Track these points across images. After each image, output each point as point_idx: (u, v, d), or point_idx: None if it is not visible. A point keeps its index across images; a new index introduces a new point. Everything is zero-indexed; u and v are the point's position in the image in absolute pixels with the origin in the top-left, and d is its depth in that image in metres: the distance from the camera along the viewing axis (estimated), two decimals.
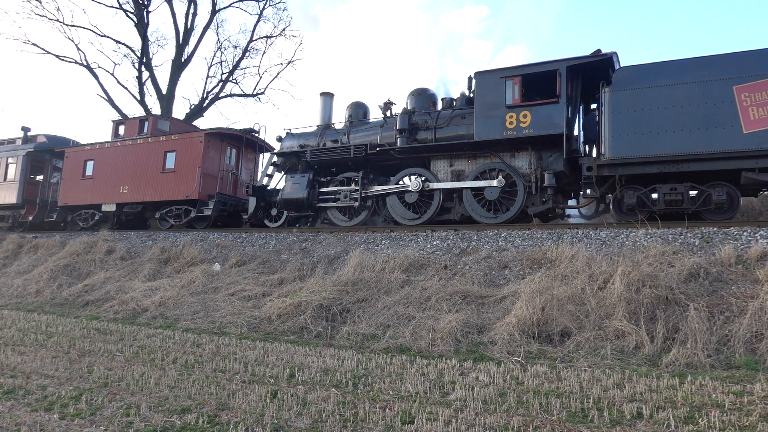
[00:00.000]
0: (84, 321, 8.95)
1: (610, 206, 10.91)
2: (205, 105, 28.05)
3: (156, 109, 26.49)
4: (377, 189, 12.83)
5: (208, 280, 10.20)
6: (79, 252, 13.23)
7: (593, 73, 11.07)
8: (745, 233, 8.16)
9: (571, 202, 12.38)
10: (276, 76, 32.50)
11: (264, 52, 38.96)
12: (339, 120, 14.73)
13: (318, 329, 7.44)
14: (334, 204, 13.30)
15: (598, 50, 10.86)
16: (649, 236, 8.53)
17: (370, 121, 14.19)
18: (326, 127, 14.49)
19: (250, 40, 28.62)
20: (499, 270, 8.59)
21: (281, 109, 47.05)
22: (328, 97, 15.09)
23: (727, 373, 5.15)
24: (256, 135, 16.85)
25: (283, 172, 14.63)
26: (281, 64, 32.78)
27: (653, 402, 4.30)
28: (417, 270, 8.99)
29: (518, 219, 11.33)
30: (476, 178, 11.73)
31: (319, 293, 8.34)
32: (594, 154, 11.35)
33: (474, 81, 11.93)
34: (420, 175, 12.34)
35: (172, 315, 8.82)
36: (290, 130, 14.87)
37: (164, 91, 26.81)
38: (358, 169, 13.19)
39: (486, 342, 6.48)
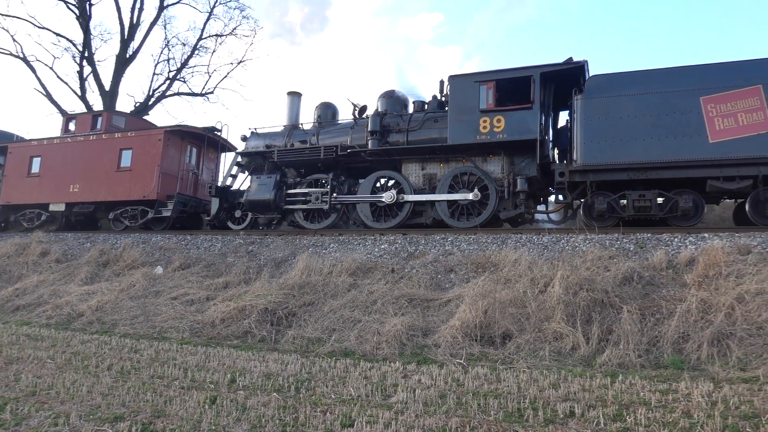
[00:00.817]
0: (13, 327, 8.52)
1: (581, 212, 11.13)
2: (150, 103, 27.21)
3: (98, 106, 25.52)
4: (349, 198, 12.63)
5: (149, 284, 9.90)
6: (10, 254, 12.60)
7: (564, 80, 11.36)
8: (676, 239, 8.57)
9: (540, 208, 12.58)
10: (226, 76, 31.91)
11: (214, 51, 38.12)
12: (306, 120, 14.51)
13: (262, 333, 7.35)
14: (303, 206, 12.96)
15: (570, 58, 11.13)
16: (587, 241, 8.84)
17: (340, 122, 14.01)
18: (294, 127, 14.23)
19: (200, 38, 27.99)
20: (445, 274, 8.71)
21: (230, 110, 46.09)
22: (295, 96, 14.77)
23: (655, 372, 5.40)
24: (219, 134, 16.24)
25: (247, 173, 14.30)
26: (231, 63, 32.23)
27: (585, 401, 4.46)
28: (364, 274, 9.01)
29: (490, 223, 11.43)
30: (449, 183, 11.73)
31: (265, 297, 8.24)
32: (562, 161, 11.62)
33: (448, 85, 11.99)
34: (396, 182, 12.21)
35: (110, 320, 8.52)
36: (255, 129, 14.56)
37: (107, 88, 25.85)
38: (328, 170, 13.01)
39: (430, 345, 6.56)
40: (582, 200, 10.94)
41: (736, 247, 7.81)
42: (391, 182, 12.40)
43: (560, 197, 11.42)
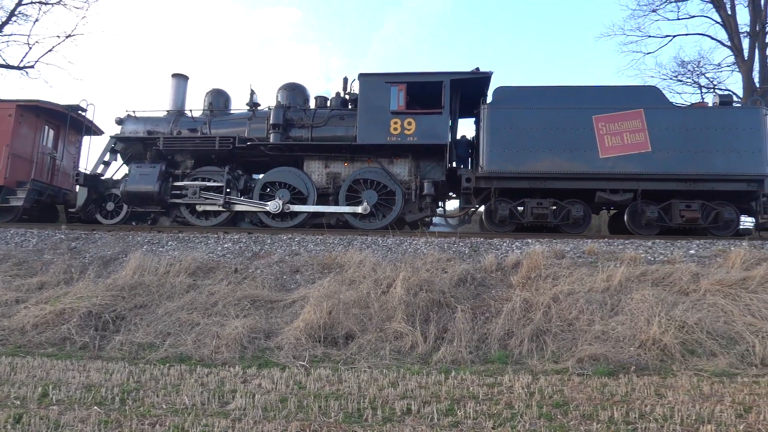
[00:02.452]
0: None
1: (483, 217, 11.53)
2: None
3: None
4: (238, 201, 11.78)
5: None
6: None
7: (469, 88, 11.62)
8: (504, 244, 9.37)
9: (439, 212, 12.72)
10: (50, 50, 28.31)
11: (36, 20, 33.66)
12: (194, 107, 13.18)
13: (84, 340, 6.61)
14: (196, 202, 11.80)
15: (477, 68, 11.44)
16: (428, 244, 9.30)
17: (235, 112, 12.99)
18: (180, 113, 12.93)
19: (19, 3, 24.55)
20: (290, 274, 8.59)
21: (55, 88, 41.02)
22: (181, 79, 13.39)
23: (484, 367, 5.82)
24: (84, 114, 14.00)
25: (123, 161, 12.74)
26: (59, 36, 28.71)
27: (422, 398, 4.66)
28: (205, 274, 8.55)
29: (395, 226, 11.26)
30: (353, 183, 11.53)
31: (89, 299, 7.43)
32: (458, 167, 11.92)
33: (353, 82, 11.76)
34: (289, 188, 11.63)
35: None
36: (134, 112, 12.94)
37: None
38: (222, 163, 12.05)
39: (273, 347, 6.41)
40: (484, 206, 11.37)
41: (553, 252, 8.74)
42: (280, 202, 11.66)
43: (463, 202, 11.56)
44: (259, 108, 12.48)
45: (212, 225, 11.73)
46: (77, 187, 12.45)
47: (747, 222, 12.01)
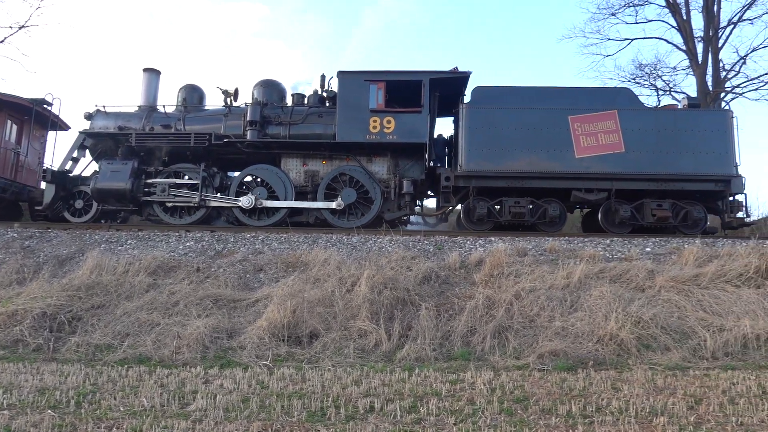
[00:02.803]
0: None
1: (461, 215, 11.55)
2: None
3: None
4: (211, 197, 11.53)
5: None
6: None
7: (447, 88, 11.59)
8: (468, 242, 9.48)
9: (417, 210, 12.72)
10: (2, 41, 27.25)
11: None
12: (165, 103, 12.66)
13: (38, 342, 6.40)
14: (170, 199, 11.49)
15: (456, 68, 11.42)
16: (393, 243, 9.34)
17: (209, 108, 12.64)
18: (152, 108, 12.51)
19: None
20: (254, 273, 8.50)
21: (7, 80, 39.37)
22: (153, 74, 12.95)
23: (447, 364, 5.88)
24: (49, 108, 13.48)
25: (92, 157, 12.29)
26: (11, 27, 27.63)
27: (385, 395, 4.68)
28: (166, 273, 8.38)
29: (373, 224, 11.31)
30: (332, 181, 11.42)
31: (44, 299, 7.20)
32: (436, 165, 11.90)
33: (330, 79, 11.61)
34: (266, 186, 11.46)
35: None
36: (103, 107, 12.46)
37: None
38: (197, 160, 11.74)
39: (236, 347, 6.33)
40: (462, 204, 11.35)
41: (516, 249, 8.89)
42: (252, 197, 11.45)
43: (442, 201, 11.54)
44: (234, 105, 12.26)
45: (187, 223, 11.47)
46: (44, 184, 12.00)
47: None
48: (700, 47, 19.83)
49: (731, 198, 11.00)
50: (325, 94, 12.30)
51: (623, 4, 20.68)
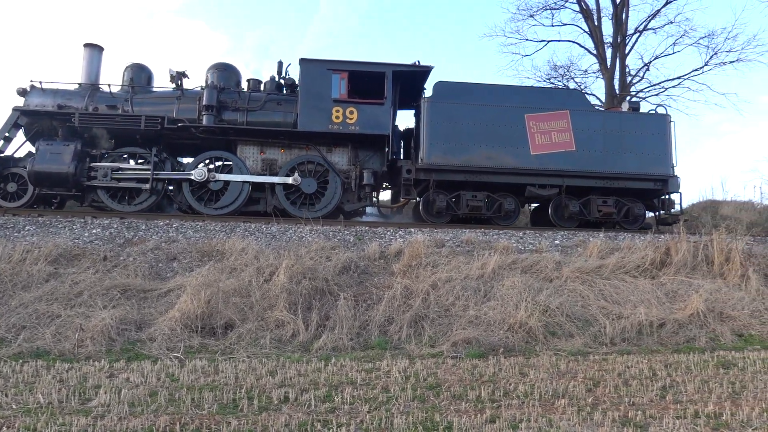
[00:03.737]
0: None
1: (420, 208, 11.59)
2: None
3: None
4: (164, 173, 10.95)
5: None
6: None
7: (408, 81, 11.63)
8: (388, 233, 9.57)
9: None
10: None
11: None
12: (107, 81, 11.79)
13: None
14: (119, 185, 10.79)
15: (418, 62, 11.42)
16: (313, 232, 9.27)
17: (159, 90, 11.96)
18: (95, 87, 11.64)
19: None
20: (167, 262, 8.16)
21: None
22: (95, 50, 12.01)
23: (364, 353, 5.93)
24: None
25: (26, 137, 11.31)
26: None
27: (300, 385, 4.65)
28: (69, 261, 7.87)
29: (333, 215, 11.20)
30: (291, 170, 11.13)
31: None
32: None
33: (288, 66, 11.35)
34: (213, 160, 11.05)
35: None
36: (40, 83, 11.38)
37: None
38: (147, 144, 11.07)
39: (145, 339, 6.07)
40: (421, 197, 11.45)
41: (434, 241, 9.08)
42: (205, 169, 11.03)
43: (402, 193, 11.53)
44: (186, 88, 11.71)
45: (136, 210, 10.87)
46: None
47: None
48: (609, 52, 21.05)
49: (666, 196, 11.82)
50: (282, 81, 12.05)
51: (541, 7, 21.55)
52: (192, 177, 10.85)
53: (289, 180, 11.04)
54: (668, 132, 11.76)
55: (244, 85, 12.11)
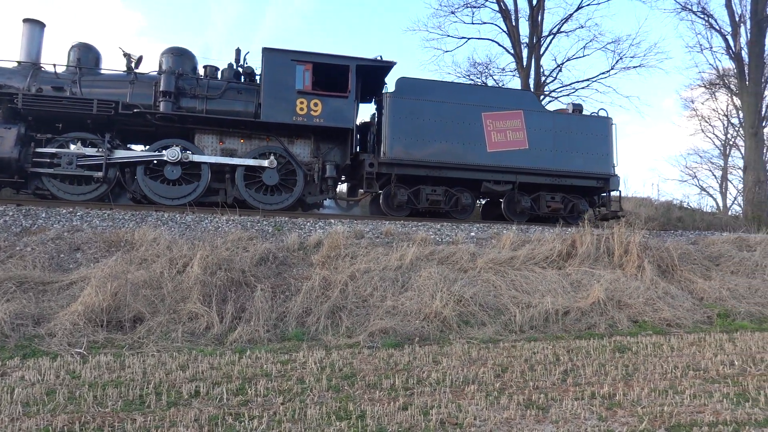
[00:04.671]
0: None
1: (380, 201, 11.76)
2: None
3: None
4: (125, 155, 10.31)
5: None
6: None
7: (370, 75, 11.68)
8: (308, 224, 9.50)
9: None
10: None
11: None
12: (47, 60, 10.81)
13: None
14: (70, 171, 10.09)
15: (380, 56, 11.47)
16: (230, 222, 9.04)
17: (109, 72, 11.19)
18: (36, 67, 10.64)
19: None
20: (69, 253, 7.68)
21: None
22: (36, 26, 10.98)
23: (280, 345, 5.87)
24: None
25: None
26: None
27: (212, 379, 4.54)
28: None
29: (295, 207, 11.25)
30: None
31: None
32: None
33: (262, 57, 10.87)
34: (180, 166, 10.50)
35: None
36: None
37: None
38: (97, 129, 10.46)
39: (43, 335, 5.68)
40: (383, 191, 11.67)
41: (354, 232, 9.12)
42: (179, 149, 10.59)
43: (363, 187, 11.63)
44: (138, 71, 11.09)
45: (85, 199, 10.17)
46: None
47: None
48: (525, 52, 21.92)
49: (606, 194, 12.71)
50: (240, 70, 11.73)
51: (462, 4, 22.10)
52: (165, 158, 10.44)
53: (265, 163, 10.88)
54: (610, 133, 12.66)
55: (201, 72, 11.76)
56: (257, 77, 11.61)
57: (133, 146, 11.52)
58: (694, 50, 33.32)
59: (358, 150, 12.13)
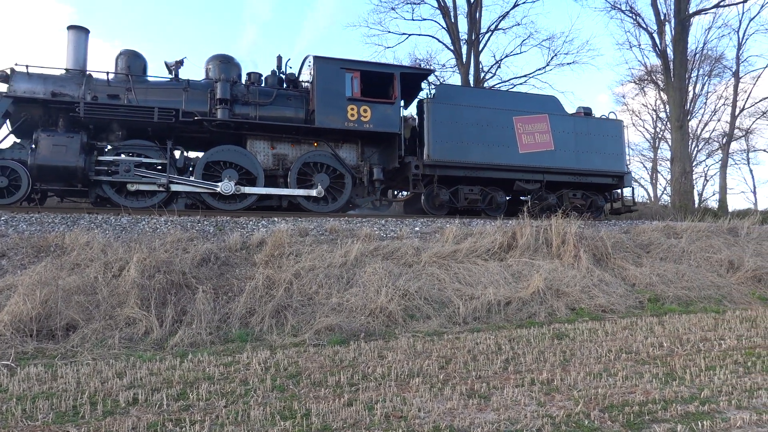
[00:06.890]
0: None
1: (422, 201, 12.22)
2: None
3: None
4: (185, 185, 10.51)
5: None
6: None
7: (410, 82, 12.39)
8: (250, 222, 9.35)
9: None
10: None
11: None
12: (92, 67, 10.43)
13: None
14: (129, 179, 10.14)
15: (419, 64, 12.07)
16: (169, 223, 8.77)
17: (156, 79, 11.15)
18: (86, 75, 10.35)
19: None
20: None
21: None
22: (81, 33, 10.81)
23: (223, 347, 5.76)
24: None
25: (10, 127, 9.96)
26: None
27: (152, 385, 4.39)
28: None
29: (345, 209, 11.70)
30: (302, 166, 11.29)
31: None
32: None
33: (313, 65, 11.31)
34: (237, 168, 10.85)
35: None
36: (26, 68, 9.83)
37: None
38: (157, 137, 10.61)
39: None
40: (424, 191, 12.08)
41: (298, 230, 9.04)
42: (232, 182, 10.70)
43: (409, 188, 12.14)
44: (181, 78, 11.21)
45: (145, 206, 9.97)
46: None
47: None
48: (465, 49, 22.29)
49: (619, 190, 13.89)
50: (283, 76, 11.95)
51: (402, 0, 22.21)
52: (218, 190, 10.57)
53: (313, 192, 11.18)
54: (622, 135, 13.68)
55: (245, 79, 11.86)
56: (303, 84, 12.11)
57: (190, 153, 11.66)
58: (624, 47, 34.96)
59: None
